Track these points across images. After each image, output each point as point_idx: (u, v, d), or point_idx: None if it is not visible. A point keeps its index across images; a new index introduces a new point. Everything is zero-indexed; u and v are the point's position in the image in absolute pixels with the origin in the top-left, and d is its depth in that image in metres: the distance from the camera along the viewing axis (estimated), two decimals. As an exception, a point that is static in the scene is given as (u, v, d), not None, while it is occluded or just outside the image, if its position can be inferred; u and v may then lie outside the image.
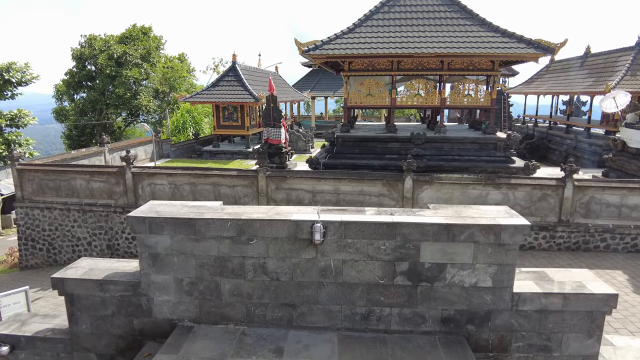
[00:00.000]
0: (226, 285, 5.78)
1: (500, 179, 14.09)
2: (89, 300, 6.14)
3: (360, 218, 5.45)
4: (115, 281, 6.01)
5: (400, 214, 5.65)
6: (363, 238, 5.40)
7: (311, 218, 5.44)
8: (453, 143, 17.06)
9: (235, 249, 5.62)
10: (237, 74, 26.24)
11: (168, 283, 5.88)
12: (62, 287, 6.16)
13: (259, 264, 5.63)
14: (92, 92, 34.51)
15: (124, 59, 33.63)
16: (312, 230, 5.33)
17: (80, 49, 34.42)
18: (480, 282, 5.47)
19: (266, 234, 5.51)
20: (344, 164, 16.64)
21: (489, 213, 5.70)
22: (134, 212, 5.90)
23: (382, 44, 16.50)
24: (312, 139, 28.50)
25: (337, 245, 5.45)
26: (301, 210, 5.81)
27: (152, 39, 36.42)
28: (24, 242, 18.31)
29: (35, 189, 17.66)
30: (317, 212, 5.64)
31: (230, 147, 26.93)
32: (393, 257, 5.44)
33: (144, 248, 5.82)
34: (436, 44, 16.16)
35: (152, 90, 36.94)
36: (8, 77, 25.98)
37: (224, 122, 26.54)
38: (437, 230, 5.33)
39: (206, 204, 6.21)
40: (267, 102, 20.84)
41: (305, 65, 37.42)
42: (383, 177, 14.21)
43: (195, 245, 5.69)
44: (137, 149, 24.71)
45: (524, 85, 29.67)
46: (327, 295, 5.64)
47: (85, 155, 20.80)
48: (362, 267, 5.50)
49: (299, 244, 5.50)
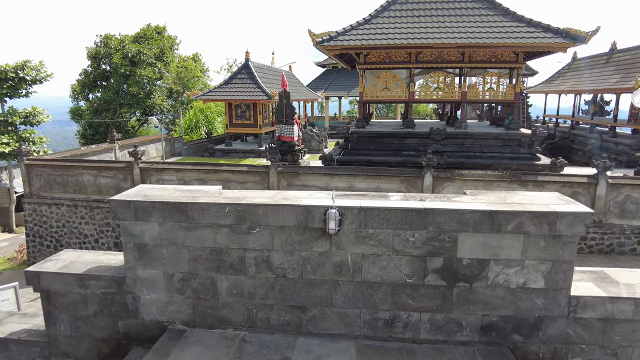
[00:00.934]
0: (224, 283, 4.82)
1: (526, 175, 12.95)
2: (67, 298, 5.24)
3: (384, 204, 4.45)
4: (97, 276, 5.10)
5: (433, 199, 4.63)
6: (387, 228, 4.39)
7: (324, 203, 4.46)
8: (475, 139, 15.93)
9: (234, 239, 4.66)
10: (250, 71, 25.42)
11: (156, 279, 4.95)
12: (37, 282, 5.27)
13: (263, 258, 4.66)
14: (107, 92, 34.09)
15: (138, 58, 33.13)
16: (326, 218, 4.35)
17: (95, 48, 34.09)
18: (529, 283, 4.42)
19: (271, 222, 4.54)
20: (358, 160, 15.62)
21: (540, 199, 4.65)
22: (118, 195, 4.99)
23: (400, 34, 15.48)
24: (325, 139, 27.53)
25: (355, 236, 4.45)
26: (312, 194, 4.83)
27: (166, 38, 35.91)
28: (32, 239, 17.67)
29: (43, 185, 17.02)
30: (332, 197, 4.66)
31: (242, 146, 26.11)
32: (424, 251, 4.42)
33: (129, 237, 4.89)
34: (457, 34, 15.09)
35: (166, 89, 36.41)
36: (23, 75, 25.52)
37: (236, 120, 25.72)
38: (478, 219, 4.30)
39: (202, 188, 5.28)
40: (279, 99, 19.95)
41: (319, 65, 36.54)
42: (401, 173, 13.17)
43: (188, 234, 4.75)
44: (148, 147, 24.02)
45: (545, 84, 28.30)
46: (344, 297, 4.63)
47: (95, 151, 20.13)
48: (385, 263, 4.50)
49: (309, 235, 4.52)
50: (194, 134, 30.74)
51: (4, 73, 25.03)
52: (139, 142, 23.39)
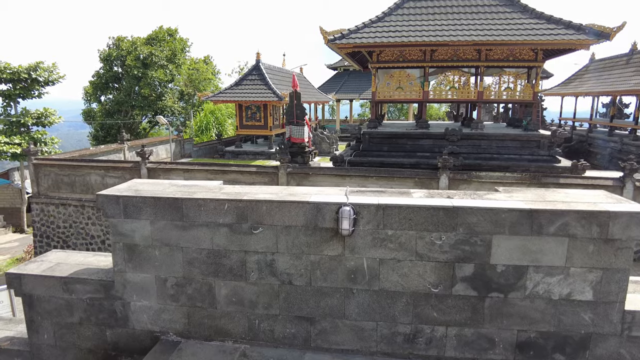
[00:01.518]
0: (222, 289, 4.22)
1: (547, 178, 12.20)
2: (51, 304, 4.69)
3: (406, 201, 3.82)
4: (83, 279, 4.54)
5: (462, 196, 3.99)
6: (410, 229, 3.76)
7: (337, 200, 3.85)
8: (491, 140, 15.19)
9: (234, 240, 4.07)
10: (261, 72, 24.94)
11: (148, 284, 4.37)
12: (19, 285, 4.73)
13: (266, 262, 4.06)
14: (119, 93, 33.90)
15: (150, 60, 32.88)
16: (339, 217, 3.74)
17: (107, 50, 33.99)
18: (575, 294, 3.75)
19: (276, 221, 3.94)
20: (370, 162, 14.98)
21: (585, 197, 3.98)
22: (107, 189, 4.43)
23: (414, 32, 14.84)
24: (336, 142, 26.92)
25: (372, 238, 3.83)
26: (323, 190, 4.23)
27: (178, 40, 35.64)
28: (39, 239, 17.32)
29: (50, 185, 16.67)
30: (345, 193, 4.04)
31: (252, 148, 25.61)
32: (452, 256, 3.79)
33: (118, 237, 4.33)
34: (473, 32, 14.40)
35: (178, 92, 36.13)
36: (35, 76, 25.42)
37: (246, 122, 25.24)
38: (515, 219, 3.65)
39: (200, 183, 4.70)
40: (290, 99, 19.43)
41: (330, 68, 35.98)
42: (415, 175, 12.51)
43: (183, 234, 4.17)
44: (157, 148, 23.65)
45: (561, 87, 27.36)
46: (358, 307, 4.00)
47: (104, 151, 19.77)
48: (407, 269, 3.86)
49: (319, 236, 3.91)
50: (205, 135, 30.35)
51: (17, 74, 24.92)
52: (149, 142, 23.02)
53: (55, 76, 26.38)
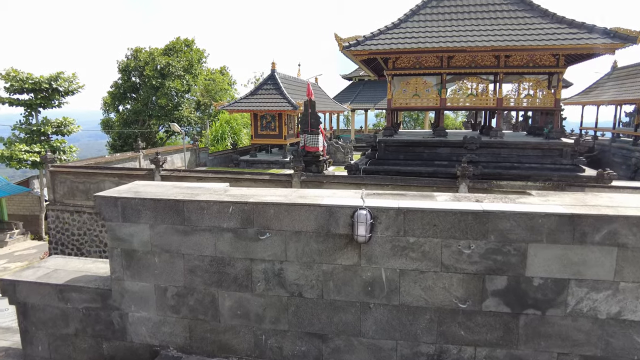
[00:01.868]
0: (226, 301, 3.83)
1: (571, 187, 11.59)
2: (46, 313, 4.36)
3: (430, 204, 3.40)
4: (79, 287, 4.20)
5: (492, 200, 3.55)
6: (435, 236, 3.33)
7: (352, 203, 3.44)
8: (511, 149, 14.61)
9: (239, 247, 3.69)
10: (276, 82, 24.80)
11: (147, 293, 4.01)
12: (13, 293, 4.42)
13: (274, 271, 3.66)
14: (136, 103, 34.20)
15: (167, 70, 33.13)
16: (354, 222, 3.33)
17: (126, 61, 34.41)
18: (626, 313, 3.26)
19: (284, 226, 3.55)
20: (386, 170, 14.53)
21: (633, 201, 3.50)
22: (106, 191, 4.11)
23: (431, 38, 14.45)
24: (351, 151, 26.54)
25: (392, 246, 3.40)
26: (336, 193, 3.83)
27: (194, 51, 35.88)
28: (54, 247, 17.24)
29: (66, 192, 16.62)
30: (361, 196, 3.64)
31: (267, 157, 25.40)
32: (482, 267, 3.33)
33: (116, 242, 3.99)
34: (492, 38, 13.95)
35: (194, 102, 36.30)
36: (56, 86, 25.76)
37: (261, 131, 25.07)
38: (555, 226, 3.19)
39: (205, 185, 4.34)
40: (304, 108, 19.16)
41: (345, 78, 35.76)
42: (433, 184, 12.03)
43: (184, 239, 3.80)
44: (173, 156, 23.59)
45: (581, 95, 26.56)
46: (376, 324, 3.56)
47: (119, 159, 19.74)
48: (431, 281, 3.42)
49: (332, 243, 3.50)
50: (220, 145, 30.29)
51: (38, 84, 25.25)
52: (164, 151, 22.96)
53: (74, 86, 26.68)
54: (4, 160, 24.71)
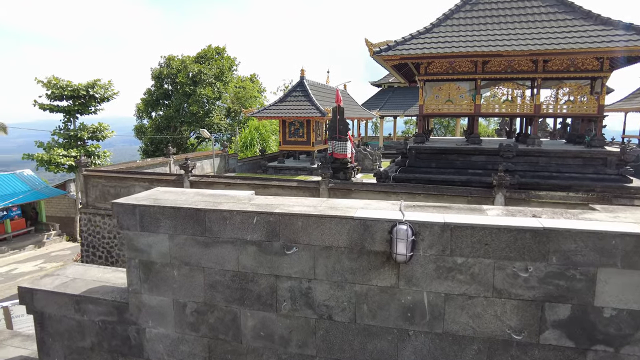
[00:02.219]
0: (249, 320, 3.48)
1: (619, 199, 10.75)
2: (62, 324, 4.12)
3: (480, 220, 2.95)
4: (95, 299, 3.95)
5: (551, 215, 3.07)
6: (486, 256, 2.88)
7: (390, 216, 3.03)
8: (550, 157, 13.79)
9: (263, 261, 3.33)
10: (305, 89, 24.62)
11: (165, 308, 3.70)
12: (30, 301, 4.22)
13: (301, 290, 3.28)
14: (168, 110, 34.77)
15: (199, 78, 33.58)
16: (392, 238, 2.92)
17: (159, 69, 35.10)
18: None
19: (313, 240, 3.17)
20: (417, 178, 13.97)
21: None
22: (124, 198, 3.85)
23: (465, 42, 13.87)
24: (379, 158, 26.02)
25: (435, 266, 2.97)
26: (371, 204, 3.42)
27: (225, 59, 36.24)
28: (86, 249, 17.47)
29: (98, 196, 16.84)
30: (400, 208, 3.22)
31: (294, 163, 25.19)
32: (541, 293, 2.85)
33: (133, 253, 3.71)
34: (530, 41, 13.24)
35: (224, 109, 36.60)
36: (92, 93, 26.45)
37: (289, 137, 24.92)
38: (631, 248, 2.69)
39: (229, 193, 4.03)
40: (333, 114, 18.85)
41: (374, 85, 35.28)
42: (468, 193, 11.41)
43: (205, 252, 3.48)
44: (203, 162, 23.71)
45: (624, 102, 25.17)
46: (415, 354, 3.12)
47: (150, 164, 19.93)
48: (481, 308, 2.96)
49: (367, 261, 3.09)
50: (249, 151, 30.34)
51: (77, 91, 25.97)
52: (194, 157, 23.11)
53: (110, 93, 27.30)
54: (44, 164, 25.48)
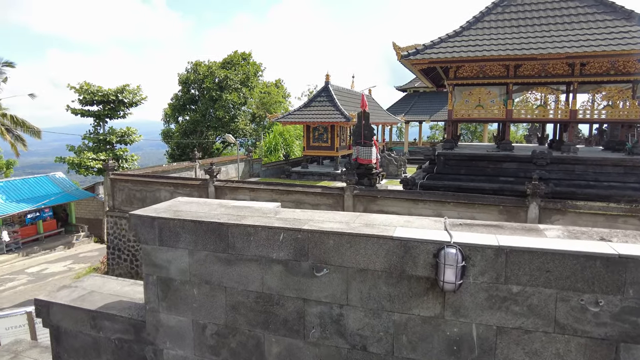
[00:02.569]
0: (273, 347, 3.15)
1: (666, 211, 9.99)
2: (78, 340, 3.90)
3: (540, 243, 2.55)
4: (112, 316, 3.70)
5: (623, 238, 2.63)
6: (547, 286, 2.47)
7: (435, 237, 2.66)
8: (587, 165, 13.04)
9: (290, 283, 3.01)
10: (329, 94, 24.36)
11: (184, 329, 3.42)
12: (47, 315, 4.01)
13: (331, 317, 2.94)
14: (194, 114, 35.12)
15: (225, 83, 33.81)
16: (439, 263, 2.55)
17: (186, 74, 35.52)
18: None
19: (346, 261, 2.83)
20: (446, 185, 13.44)
21: None
22: (143, 209, 3.60)
23: (497, 45, 13.31)
24: (404, 164, 25.47)
25: (487, 295, 2.58)
26: (412, 221, 3.05)
27: (251, 64, 36.41)
28: (112, 252, 17.57)
29: (124, 199, 16.92)
30: (445, 227, 2.84)
31: (318, 169, 24.92)
32: (615, 331, 2.43)
33: (151, 268, 3.45)
34: (566, 43, 12.58)
35: (249, 114, 36.72)
36: (121, 98, 26.89)
37: (313, 143, 24.69)
38: None
39: (254, 205, 3.73)
40: (358, 119, 18.49)
41: (399, 90, 34.73)
42: (500, 202, 10.83)
43: (227, 270, 3.18)
44: (228, 167, 23.68)
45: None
46: (463, 395, 2.74)
47: (176, 169, 19.98)
48: (539, 344, 2.55)
49: (408, 287, 2.72)
50: (273, 156, 30.25)
51: (106, 96, 26.44)
52: (219, 162, 23.10)
53: (138, 98, 27.69)
54: (74, 166, 26.01)
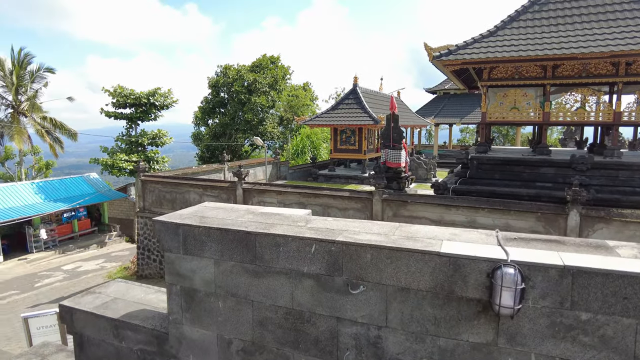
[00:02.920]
0: (303, 367, 2.89)
1: None
2: (101, 349, 3.74)
3: (613, 264, 2.18)
4: (134, 326, 3.53)
5: None
6: (624, 314, 2.10)
7: (489, 254, 2.33)
8: (634, 170, 12.22)
9: (322, 300, 2.73)
10: (357, 96, 24.00)
11: (208, 344, 3.20)
12: (70, 321, 3.88)
13: (368, 339, 2.64)
14: (224, 117, 35.47)
15: (254, 87, 34.02)
16: (495, 284, 2.21)
17: (215, 77, 35.95)
18: None
19: (385, 278, 2.53)
20: (479, 191, 12.89)
21: None
22: (167, 215, 3.40)
23: (534, 45, 12.67)
24: (434, 168, 24.80)
25: (550, 322, 2.23)
26: (458, 234, 2.72)
27: (279, 68, 36.51)
28: (142, 252, 17.78)
29: (154, 200, 17.09)
30: (498, 241, 2.50)
31: (345, 172, 24.58)
32: None
33: (175, 278, 3.25)
34: (610, 42, 11.84)
35: (277, 117, 36.81)
36: (153, 101, 27.41)
37: (341, 145, 24.37)
38: None
39: (284, 212, 3.47)
40: (387, 122, 18.06)
41: (429, 92, 34.00)
42: (537, 209, 10.24)
43: (254, 282, 2.94)
44: (256, 169, 23.69)
45: None
46: None
47: (205, 171, 20.09)
48: (614, 382, 2.18)
49: (456, 310, 2.40)
50: (300, 158, 30.15)
51: (139, 99, 26.98)
52: (247, 164, 23.13)
53: (169, 101, 28.14)
54: (107, 168, 26.64)
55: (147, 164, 20.71)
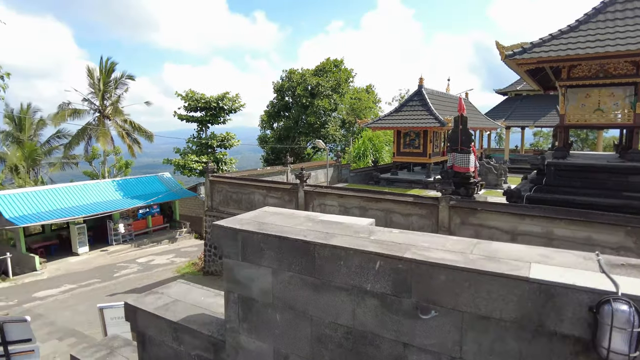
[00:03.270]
0: (363, 393, 2.62)
1: None
2: (161, 350, 3.74)
3: None
4: (192, 331, 3.47)
5: None
6: None
7: (592, 284, 1.92)
8: None
9: (387, 322, 2.45)
10: (423, 97, 23.17)
11: (264, 356, 3.04)
12: (134, 319, 3.93)
13: (438, 369, 2.33)
14: (288, 121, 36.08)
15: (317, 90, 34.25)
16: (601, 322, 1.81)
17: (280, 82, 36.68)
18: None
19: (461, 304, 2.20)
20: (556, 199, 11.78)
21: None
22: (226, 219, 3.31)
23: (624, 39, 11.35)
24: (505, 173, 23.28)
25: (673, 372, 1.79)
26: (549, 257, 2.32)
27: (342, 71, 36.44)
28: (208, 249, 18.43)
29: (221, 200, 17.66)
30: (601, 267, 2.07)
31: (408, 176, 23.85)
32: None
33: (233, 285, 3.13)
34: None
35: (339, 120, 36.76)
36: (222, 105, 28.46)
37: (404, 149, 23.67)
38: None
39: (345, 221, 3.23)
40: (454, 124, 17.21)
41: (499, 93, 32.08)
42: (627, 222, 9.11)
43: (313, 296, 2.73)
44: (317, 172, 23.75)
45: None
46: None
47: (269, 172, 20.47)
48: None
49: (547, 346, 2.01)
50: (361, 162, 29.79)
51: (208, 103, 28.17)
52: (309, 166, 23.24)
53: (237, 105, 29.07)
54: (179, 168, 28.09)
55: (215, 165, 21.48)
